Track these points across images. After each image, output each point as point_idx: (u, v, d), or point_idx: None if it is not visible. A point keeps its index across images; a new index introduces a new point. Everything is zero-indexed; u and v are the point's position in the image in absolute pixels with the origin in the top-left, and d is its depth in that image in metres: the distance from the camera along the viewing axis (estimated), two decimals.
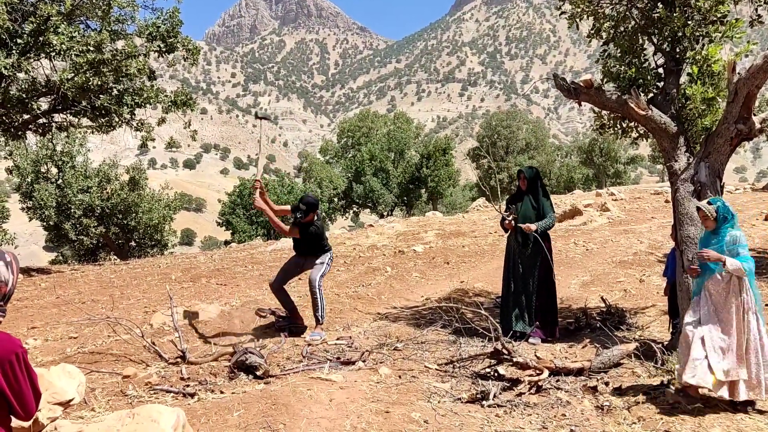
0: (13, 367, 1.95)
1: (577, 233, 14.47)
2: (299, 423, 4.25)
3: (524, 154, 50.60)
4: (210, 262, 13.29)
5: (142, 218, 23.80)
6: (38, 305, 8.74)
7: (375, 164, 41.13)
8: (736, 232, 4.20)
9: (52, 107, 12.36)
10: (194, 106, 14.61)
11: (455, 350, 5.89)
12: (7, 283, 2.00)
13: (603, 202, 17.96)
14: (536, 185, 6.54)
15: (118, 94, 12.51)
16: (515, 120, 52.38)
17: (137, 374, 5.34)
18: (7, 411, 2.01)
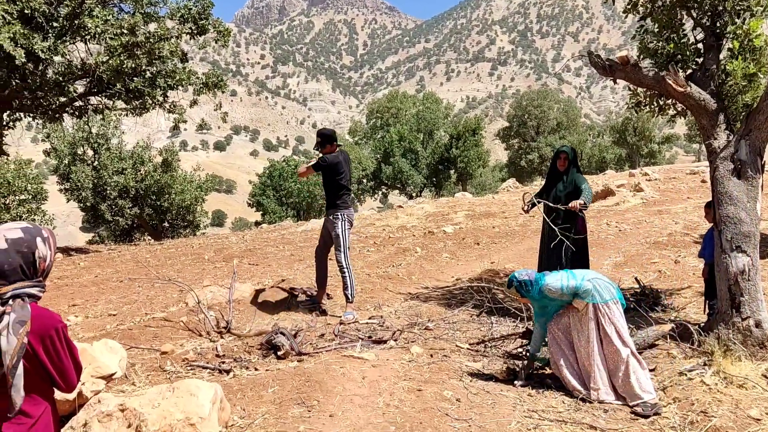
0: (53, 341, 2.00)
1: (609, 214, 14.27)
2: (333, 399, 4.32)
3: (555, 134, 49.91)
4: (242, 243, 13.46)
5: (175, 199, 24.16)
6: (78, 284, 8.98)
7: (404, 145, 41.00)
8: None
9: (88, 90, 12.58)
10: (225, 88, 14.72)
11: (487, 330, 5.89)
12: (45, 259, 2.06)
13: (636, 182, 17.66)
14: (576, 165, 6.43)
15: (151, 76, 12.66)
16: (546, 99, 51.57)
17: (174, 351, 5.46)
18: (49, 384, 2.07)
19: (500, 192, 24.55)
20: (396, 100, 47.71)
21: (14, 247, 1.97)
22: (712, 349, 4.51)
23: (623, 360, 4.15)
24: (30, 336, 1.92)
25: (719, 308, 4.97)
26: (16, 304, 1.91)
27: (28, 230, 2.04)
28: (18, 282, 1.96)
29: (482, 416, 4.01)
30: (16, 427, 1.96)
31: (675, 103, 5.77)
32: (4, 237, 1.97)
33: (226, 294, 7.39)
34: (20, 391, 1.88)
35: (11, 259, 1.96)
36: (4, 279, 1.95)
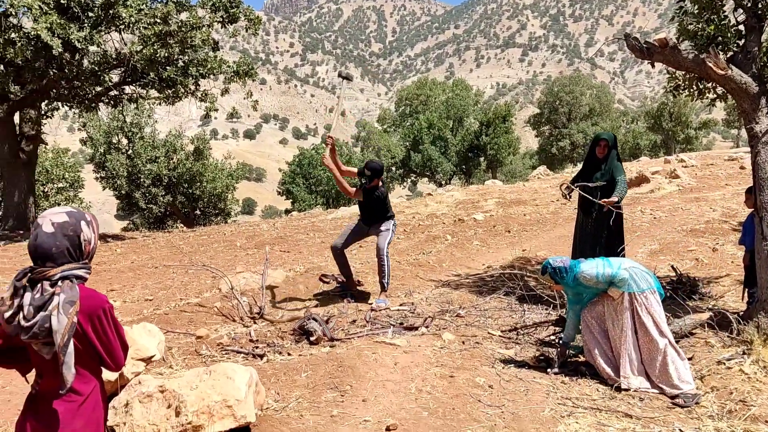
0: (101, 320, 2.06)
1: (644, 201, 14.03)
2: (365, 385, 4.35)
3: (587, 121, 49.14)
4: (273, 230, 13.58)
5: (207, 187, 24.50)
6: (115, 269, 9.17)
7: (433, 132, 40.83)
8: None
9: (123, 79, 12.79)
10: (256, 76, 14.83)
11: (519, 317, 5.87)
12: (90, 242, 2.11)
13: (672, 168, 17.31)
14: (617, 153, 6.29)
15: (183, 65, 12.82)
16: (578, 85, 50.72)
17: (209, 335, 5.56)
18: (98, 363, 2.14)
19: (531, 179, 24.30)
20: (425, 87, 47.50)
21: (61, 230, 2.03)
22: (751, 338, 4.42)
23: (660, 350, 4.10)
24: (79, 316, 1.98)
25: (759, 296, 4.87)
26: (65, 285, 1.97)
27: (73, 214, 2.09)
28: (66, 264, 2.02)
29: (515, 403, 4.00)
30: (67, 404, 2.03)
31: (715, 86, 5.64)
32: (50, 221, 2.03)
33: (259, 280, 7.48)
34: (71, 369, 1.94)
35: (59, 242, 2.01)
36: (53, 261, 2.01)
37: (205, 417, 3.42)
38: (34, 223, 2.05)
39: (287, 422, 3.80)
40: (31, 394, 2.10)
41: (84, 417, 2.06)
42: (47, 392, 2.04)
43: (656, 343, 4.13)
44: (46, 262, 2.01)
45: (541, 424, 3.68)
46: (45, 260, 2.01)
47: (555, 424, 3.68)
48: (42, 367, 2.05)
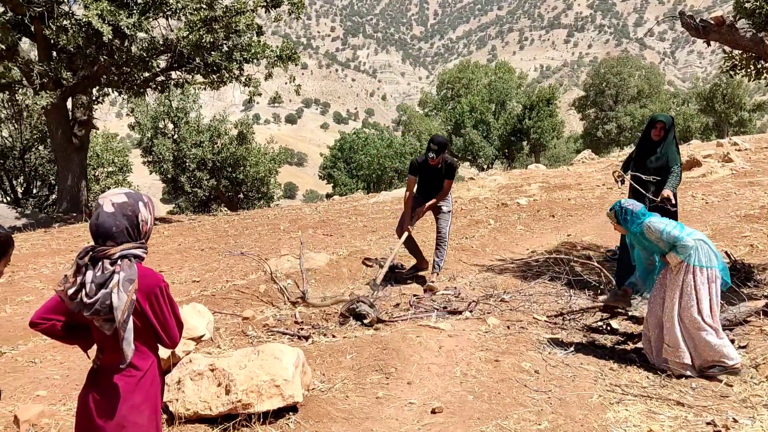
0: (158, 298, 2.13)
1: (695, 185, 13.63)
2: (410, 368, 4.37)
3: (635, 103, 47.80)
4: (315, 214, 13.68)
5: (250, 171, 24.79)
6: (163, 251, 9.39)
7: (475, 116, 40.40)
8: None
9: (169, 65, 13.01)
10: (298, 60, 14.88)
11: (565, 303, 5.79)
12: (147, 222, 2.17)
13: (725, 152, 16.73)
14: (674, 136, 6.07)
15: (228, 50, 12.95)
16: (626, 66, 49.27)
17: (255, 317, 5.65)
18: (155, 340, 2.20)
19: (575, 163, 23.83)
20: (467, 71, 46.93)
21: (120, 210, 2.09)
22: None
23: (700, 328, 3.99)
24: (137, 293, 2.05)
25: None
26: (124, 264, 2.04)
27: (131, 195, 2.16)
28: (125, 243, 2.08)
29: (562, 389, 3.96)
30: (127, 379, 2.10)
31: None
32: (111, 201, 2.09)
33: (303, 263, 7.57)
34: (131, 345, 2.01)
35: (118, 221, 2.08)
36: (113, 240, 2.07)
37: (254, 396, 3.49)
38: (95, 204, 2.11)
39: (333, 403, 3.85)
40: (93, 368, 2.18)
41: (143, 391, 2.13)
42: (108, 367, 2.12)
43: (697, 323, 4.01)
44: (106, 241, 2.07)
45: (589, 411, 3.63)
46: (105, 239, 2.07)
47: (603, 410, 3.63)
48: (103, 342, 2.13)
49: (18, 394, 4.18)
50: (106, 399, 2.08)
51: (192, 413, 3.50)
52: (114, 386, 2.08)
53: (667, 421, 3.46)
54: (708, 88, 47.85)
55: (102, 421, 2.07)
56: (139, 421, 2.10)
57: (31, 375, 4.51)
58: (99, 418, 2.08)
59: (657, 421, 3.45)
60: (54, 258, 8.85)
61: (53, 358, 4.86)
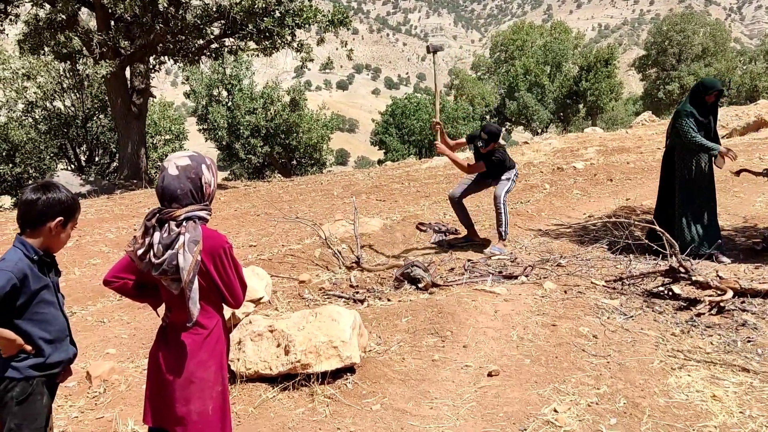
0: (222, 259, 2.18)
1: (762, 147, 13.01)
2: (466, 331, 4.37)
3: (700, 62, 45.66)
4: (368, 180, 13.73)
5: (303, 138, 24.99)
6: (220, 216, 9.62)
7: (529, 79, 39.48)
8: None
9: (223, 32, 13.12)
10: (350, 25, 14.78)
11: (624, 267, 5.66)
12: (210, 184, 2.21)
13: None
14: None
15: (280, 15, 12.95)
16: (690, 23, 47.02)
17: (311, 280, 5.74)
18: (220, 299, 2.27)
19: (634, 126, 23.09)
20: (521, 32, 45.74)
21: (184, 173, 2.13)
22: None
23: None
24: (202, 254, 2.10)
25: None
26: (189, 226, 2.09)
27: (194, 158, 2.20)
28: (189, 205, 2.13)
29: (621, 354, 3.90)
30: (194, 336, 2.17)
31: None
32: (175, 164, 2.14)
33: (357, 228, 7.62)
34: (196, 304, 2.08)
35: (182, 184, 2.12)
36: (178, 203, 2.12)
37: (312, 356, 3.56)
38: (161, 167, 2.16)
39: (390, 365, 3.89)
40: (162, 326, 2.26)
41: (209, 348, 2.20)
42: (176, 325, 2.19)
43: None
44: (172, 203, 2.12)
45: (650, 376, 3.56)
46: (171, 201, 2.12)
47: (665, 376, 3.56)
48: (171, 302, 2.20)
49: (89, 352, 4.39)
50: (174, 355, 2.16)
51: (252, 372, 3.60)
52: (182, 343, 2.16)
53: (732, 387, 3.36)
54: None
55: (171, 376, 2.15)
56: (205, 376, 2.17)
57: (100, 334, 4.72)
58: (168, 373, 2.16)
59: (721, 387, 3.36)
60: (117, 223, 9.19)
61: (121, 318, 5.08)
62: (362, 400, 3.49)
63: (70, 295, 5.74)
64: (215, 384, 2.20)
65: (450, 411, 3.36)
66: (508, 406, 3.36)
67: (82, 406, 3.58)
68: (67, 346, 2.29)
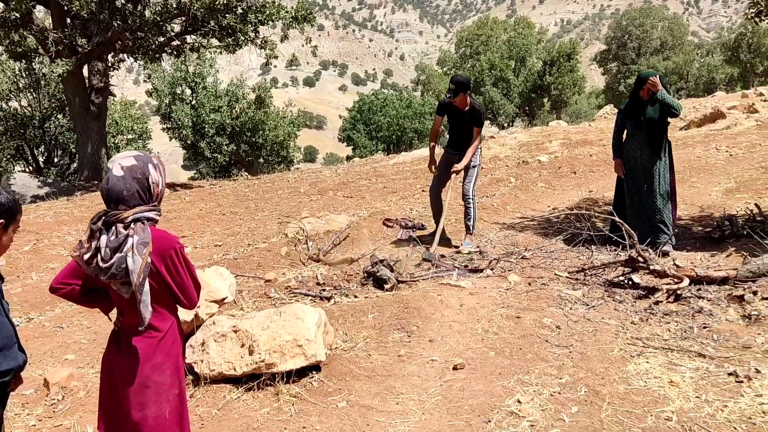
0: (173, 260, 2.14)
1: (719, 138, 13.32)
2: (432, 325, 4.40)
3: (659, 55, 46.63)
4: (335, 176, 13.69)
5: (269, 135, 24.78)
6: (185, 216, 9.48)
7: (495, 74, 39.81)
8: None
9: (184, 29, 12.92)
10: (314, 21, 14.68)
11: (586, 258, 5.75)
12: (158, 184, 2.17)
13: (750, 103, 16.29)
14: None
15: (242, 12, 12.80)
16: (649, 17, 48.00)
17: (277, 279, 5.71)
18: (173, 301, 2.23)
19: (597, 119, 23.43)
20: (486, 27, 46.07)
21: (130, 173, 2.09)
22: None
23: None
24: (152, 255, 2.06)
25: None
26: (137, 227, 2.04)
27: (140, 158, 2.15)
28: (137, 207, 2.09)
29: (583, 343, 3.96)
30: (147, 340, 2.13)
31: None
32: (120, 165, 2.09)
33: (323, 225, 7.59)
34: (148, 307, 2.04)
35: (128, 185, 2.08)
36: (125, 204, 2.08)
37: (277, 356, 3.54)
38: (105, 168, 2.11)
39: (356, 361, 3.89)
40: (114, 331, 2.21)
41: (163, 352, 2.16)
42: (128, 329, 2.15)
43: None
44: (118, 205, 2.08)
45: (610, 364, 3.63)
46: (118, 203, 2.08)
47: (624, 363, 3.63)
48: (122, 305, 2.15)
49: (47, 359, 4.29)
50: (128, 360, 2.12)
51: (217, 373, 3.57)
52: (135, 348, 2.12)
53: (689, 372, 3.44)
54: (733, 37, 46.45)
55: (125, 381, 2.11)
56: (161, 380, 2.14)
57: (59, 339, 4.62)
58: (122, 378, 2.12)
59: (678, 373, 3.44)
60: (77, 225, 8.99)
61: (80, 322, 4.98)
62: (328, 397, 3.48)
63: (27, 300, 5.61)
64: (172, 387, 2.16)
65: (416, 405, 3.38)
66: (473, 398, 3.39)
67: (40, 414, 3.50)
68: (15, 353, 2.22)
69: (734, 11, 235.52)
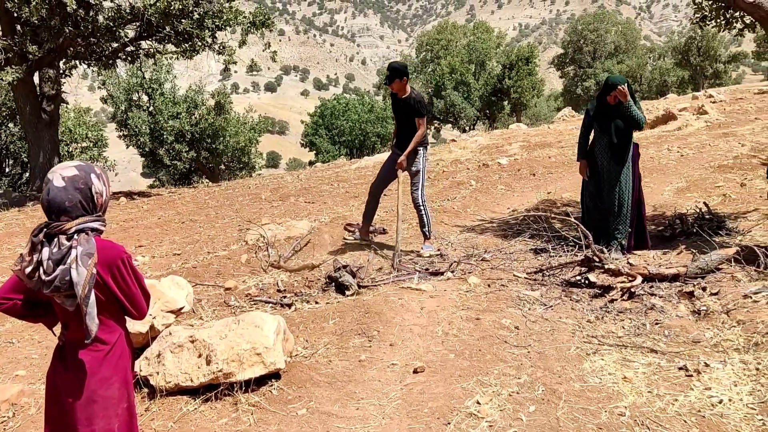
0: (120, 270, 2.10)
1: (670, 139, 13.72)
2: (392, 329, 4.41)
3: (613, 59, 47.77)
4: (297, 182, 13.63)
5: (230, 142, 24.50)
6: (143, 225, 9.31)
7: (455, 78, 40.12)
8: None
9: (138, 34, 12.69)
10: (273, 27, 14.60)
11: (544, 259, 5.84)
12: (102, 194, 2.12)
13: (700, 104, 16.82)
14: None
15: (199, 17, 12.64)
16: (603, 22, 49.22)
17: (237, 287, 5.65)
18: (121, 312, 2.19)
19: (556, 121, 23.89)
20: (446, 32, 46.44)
21: (72, 184, 2.04)
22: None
23: None
24: (98, 266, 2.01)
25: None
26: (81, 238, 2.00)
27: (82, 167, 2.10)
28: (80, 217, 2.04)
29: (541, 343, 4.03)
30: (94, 353, 2.09)
31: (743, 15, 5.39)
32: (60, 176, 2.04)
33: (284, 231, 7.55)
34: (94, 320, 1.99)
35: (71, 195, 2.03)
36: (67, 215, 2.03)
37: (235, 365, 3.50)
38: (45, 179, 2.06)
39: (316, 368, 3.88)
40: (59, 345, 2.16)
41: (111, 365, 2.12)
42: (74, 343, 2.10)
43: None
44: (60, 216, 2.03)
45: (566, 362, 3.70)
46: (59, 214, 2.03)
47: (581, 361, 3.70)
48: (67, 319, 2.10)
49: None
50: (73, 375, 2.07)
51: (173, 385, 3.51)
52: (81, 362, 2.07)
53: (641, 368, 3.53)
54: (683, 41, 47.94)
55: (71, 396, 2.06)
56: (108, 394, 2.09)
57: (9, 355, 4.49)
58: (68, 394, 2.07)
59: (631, 369, 3.53)
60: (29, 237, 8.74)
61: (31, 337, 4.84)
62: (288, 405, 3.46)
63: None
64: (120, 401, 2.12)
65: (376, 410, 3.38)
66: (433, 401, 3.41)
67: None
68: None
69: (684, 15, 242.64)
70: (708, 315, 4.10)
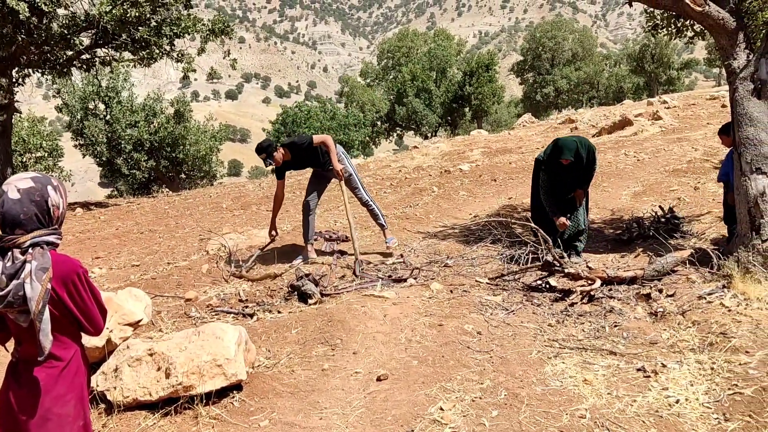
0: (76, 285, 2.04)
1: (627, 144, 14.04)
2: (355, 338, 4.39)
3: (570, 66, 48.79)
4: (259, 190, 13.51)
5: (190, 150, 24.18)
6: (100, 237, 9.12)
7: (417, 84, 40.39)
8: None
9: (94, 42, 12.43)
10: (232, 34, 14.48)
11: (506, 263, 5.91)
12: (59, 206, 2.07)
13: (655, 110, 17.26)
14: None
15: (156, 25, 12.46)
16: (560, 30, 50.27)
17: (198, 297, 5.57)
18: (77, 328, 2.13)
19: (516, 128, 24.20)
20: (407, 39, 46.80)
21: (27, 196, 1.99)
22: (731, 272, 4.48)
23: None
24: (53, 282, 1.96)
25: (738, 231, 4.92)
26: (36, 252, 1.94)
27: (38, 179, 2.05)
28: (35, 231, 1.99)
29: (503, 347, 4.07)
30: (48, 370, 2.02)
31: (693, 23, 5.57)
32: (15, 187, 1.98)
33: (246, 240, 7.47)
34: (48, 336, 1.93)
35: (26, 208, 1.97)
36: (22, 228, 1.97)
37: (195, 377, 3.44)
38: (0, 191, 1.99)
39: (279, 378, 3.84)
40: (12, 362, 2.09)
41: (66, 382, 2.06)
42: (27, 360, 2.03)
43: None
44: (15, 229, 1.97)
45: (528, 366, 3.74)
46: (14, 227, 1.97)
47: (542, 365, 3.75)
48: (20, 335, 2.04)
49: None
50: (27, 393, 2.01)
51: (131, 400, 3.43)
52: (35, 379, 2.01)
53: (601, 370, 3.60)
54: (637, 48, 49.23)
55: (25, 415, 1.99)
56: (63, 412, 2.03)
57: None
58: (22, 412, 2.00)
59: (591, 371, 3.59)
60: None
61: None
62: (250, 417, 3.42)
63: None
64: (76, 418, 2.06)
65: (339, 419, 3.36)
66: (397, 408, 3.41)
67: None
68: None
69: (638, 23, 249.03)
70: (664, 316, 4.20)
